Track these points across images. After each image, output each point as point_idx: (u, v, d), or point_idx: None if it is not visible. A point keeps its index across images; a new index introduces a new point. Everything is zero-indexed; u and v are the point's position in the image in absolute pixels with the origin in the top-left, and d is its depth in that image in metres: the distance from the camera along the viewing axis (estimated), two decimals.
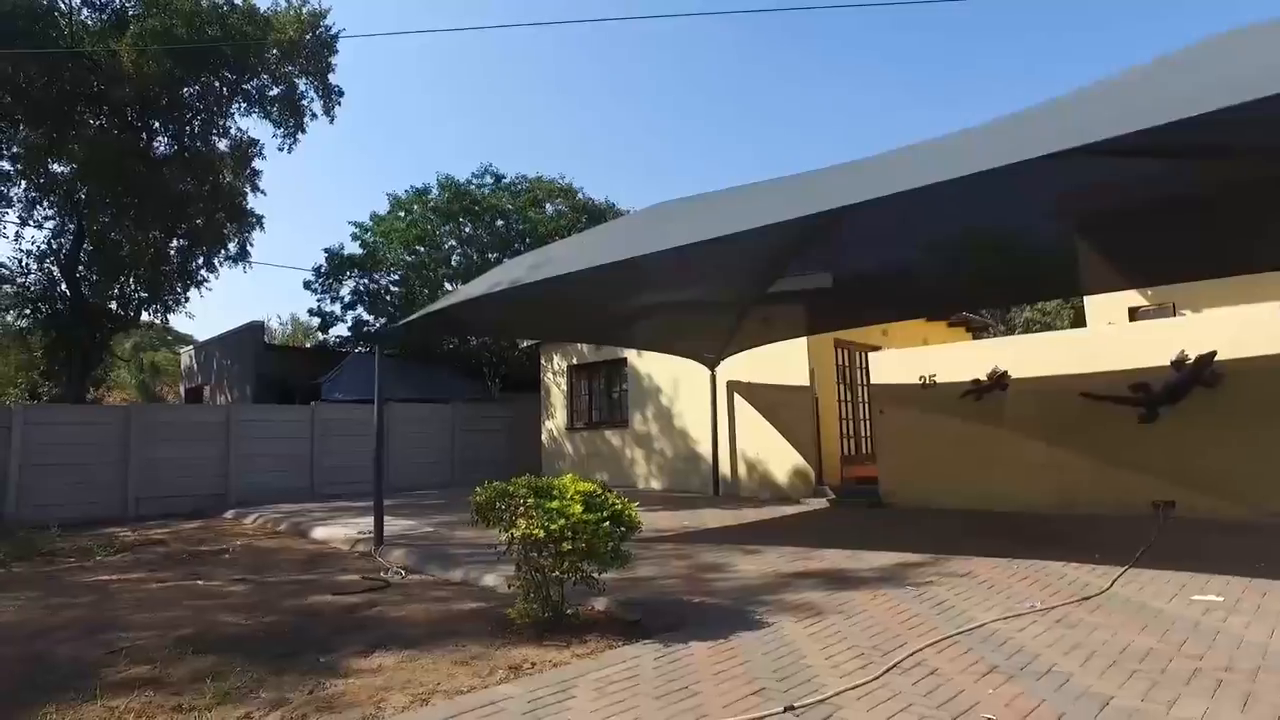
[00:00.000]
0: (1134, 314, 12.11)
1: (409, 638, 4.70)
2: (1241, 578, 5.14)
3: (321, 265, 19.24)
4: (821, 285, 9.89)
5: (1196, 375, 8.09)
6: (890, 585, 5.49)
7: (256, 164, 14.42)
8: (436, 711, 3.38)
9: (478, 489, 4.84)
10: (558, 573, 4.60)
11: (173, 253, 14.10)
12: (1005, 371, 9.55)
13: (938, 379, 10.20)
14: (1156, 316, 11.21)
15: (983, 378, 9.72)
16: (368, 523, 10.45)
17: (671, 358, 13.17)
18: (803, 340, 11.79)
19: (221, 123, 13.65)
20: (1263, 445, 7.67)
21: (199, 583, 6.80)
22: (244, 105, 13.45)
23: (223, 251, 15.75)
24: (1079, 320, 23.90)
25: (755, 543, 7.71)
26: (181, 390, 22.45)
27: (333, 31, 15.90)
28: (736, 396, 12.79)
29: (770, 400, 12.28)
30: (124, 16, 12.01)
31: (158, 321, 15.16)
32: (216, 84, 12.82)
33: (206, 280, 15.93)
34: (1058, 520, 8.36)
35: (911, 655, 3.82)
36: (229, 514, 12.00)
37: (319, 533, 9.54)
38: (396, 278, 19.54)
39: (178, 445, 12.94)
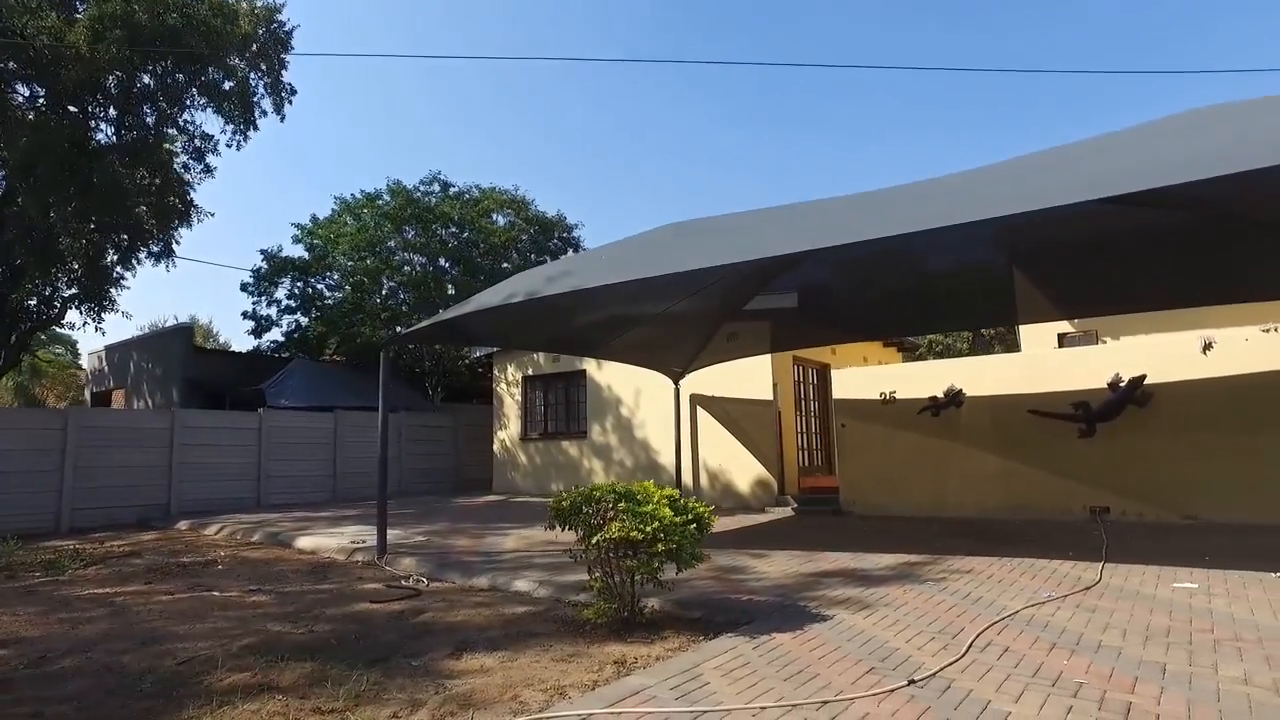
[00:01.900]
0: (1062, 339, 13.53)
1: (488, 640, 4.85)
2: (1200, 569, 6.03)
3: (261, 267, 18.46)
4: (788, 305, 10.61)
5: (1129, 395, 9.24)
6: (910, 582, 6.07)
7: (210, 160, 13.79)
8: (586, 703, 3.60)
9: (561, 495, 5.08)
10: (639, 574, 4.91)
11: (110, 249, 13.21)
12: (961, 389, 10.51)
13: (897, 395, 11.07)
14: (1082, 342, 12.59)
15: (940, 394, 10.65)
16: (350, 532, 10.34)
17: (632, 370, 13.55)
18: (766, 356, 12.45)
19: (178, 115, 12.98)
20: (1183, 458, 8.86)
21: (214, 594, 6.61)
22: (202, 99, 12.85)
23: (166, 248, 14.85)
24: (974, 345, 26.22)
25: (755, 547, 8.19)
26: (87, 395, 20.82)
27: (287, 28, 15.51)
28: (699, 409, 13.31)
29: (733, 413, 12.87)
30: None
31: (89, 321, 14.09)
32: (179, 75, 12.21)
33: (124, 279, 14.93)
34: (1010, 524, 9.30)
35: (978, 637, 4.36)
36: (182, 524, 11.40)
37: (304, 543, 9.30)
38: (337, 280, 18.97)
39: (118, 452, 12.17)
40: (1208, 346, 8.81)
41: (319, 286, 19.22)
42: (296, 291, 19.01)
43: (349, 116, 65.37)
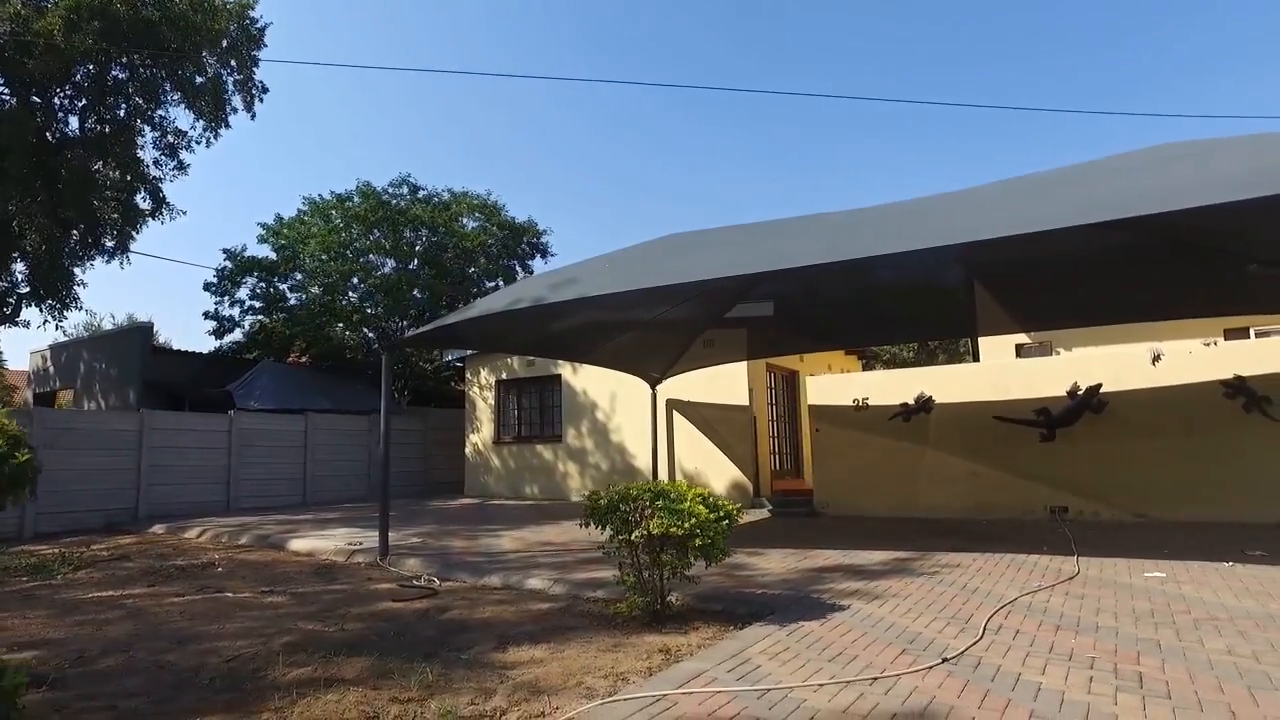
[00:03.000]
0: (1019, 350, 14.38)
1: (526, 634, 5.05)
2: (1163, 560, 6.66)
3: (226, 266, 17.97)
4: (765, 314, 11.07)
5: (1086, 403, 9.97)
6: (906, 575, 6.51)
7: (184, 156, 13.46)
8: (653, 685, 3.85)
9: (596, 494, 5.33)
10: (672, 569, 5.20)
11: (71, 244, 12.77)
12: (931, 396, 11.12)
13: (870, 402, 11.62)
14: (1038, 353, 13.44)
15: (911, 401, 11.24)
16: (340, 534, 10.34)
17: (608, 375, 13.80)
18: (743, 363, 12.89)
19: (153, 111, 12.65)
20: (1135, 461, 9.61)
21: (226, 595, 6.61)
22: (176, 95, 12.57)
23: (121, 244, 14.42)
24: (919, 354, 27.55)
25: (749, 546, 8.52)
26: (29, 396, 19.89)
27: (259, 25, 15.29)
28: (675, 413, 13.66)
29: (710, 418, 13.26)
30: None
31: (50, 319, 13.54)
32: (155, 69, 11.93)
33: (77, 276, 14.43)
34: (977, 523, 9.92)
35: (988, 621, 4.79)
36: (158, 528, 11.14)
37: (298, 545, 9.27)
38: (301, 281, 18.64)
39: (84, 455, 11.79)
40: (1157, 358, 9.60)
41: (281, 287, 18.86)
42: (259, 292, 18.62)
43: (311, 115, 63.82)
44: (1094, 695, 3.41)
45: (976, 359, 15.46)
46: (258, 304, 18.57)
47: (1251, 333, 12.38)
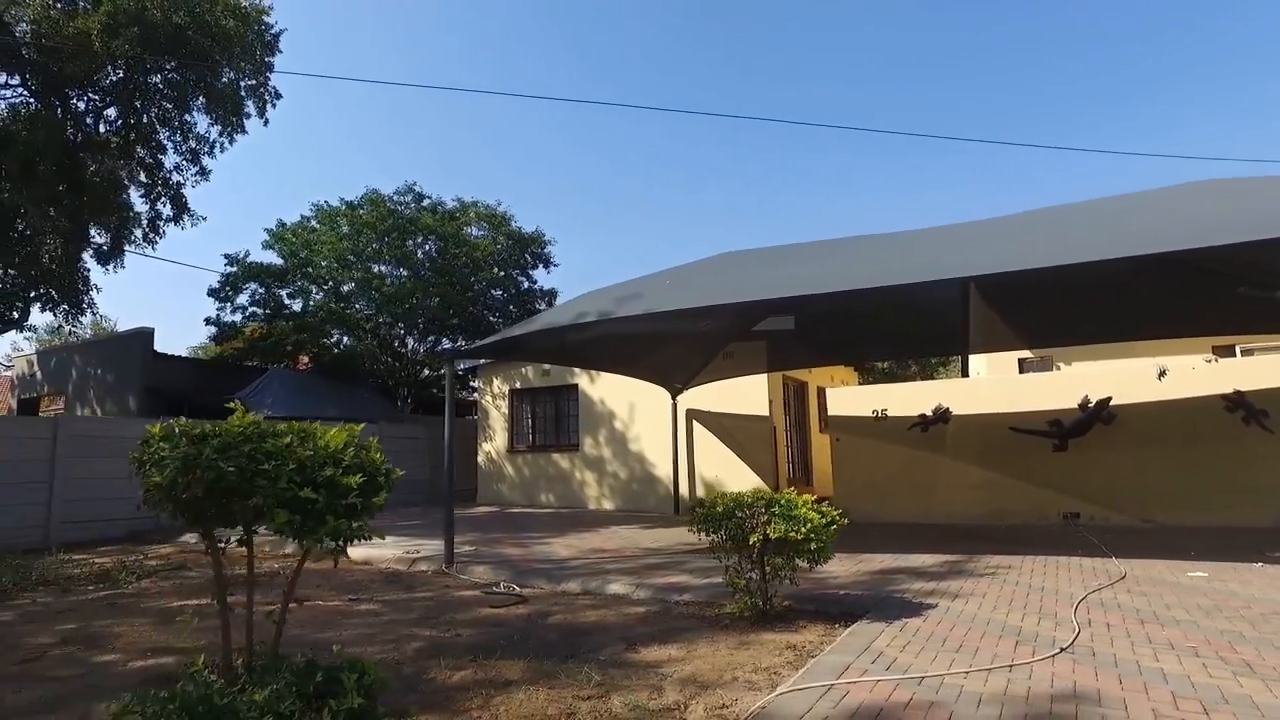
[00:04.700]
0: (1022, 365, 15.15)
1: (647, 636, 5.32)
2: (1193, 561, 7.26)
3: (233, 271, 17.75)
4: (787, 328, 11.56)
5: (1097, 415, 10.65)
6: (967, 576, 6.97)
7: (205, 162, 13.37)
8: (813, 676, 4.13)
9: (714, 501, 5.67)
10: (776, 571, 5.56)
11: (91, 249, 12.61)
12: (948, 408, 11.71)
13: (889, 412, 12.17)
14: (1040, 368, 14.19)
15: (929, 412, 11.82)
16: (387, 542, 10.35)
17: (626, 385, 14.14)
18: (763, 375, 13.35)
19: (179, 115, 12.57)
20: (1143, 470, 10.31)
21: (318, 604, 6.74)
22: (199, 99, 12.52)
23: (116, 248, 14.24)
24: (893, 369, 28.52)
25: None
26: (13, 401, 19.28)
27: (274, 30, 15.29)
28: (694, 422, 14.04)
29: (730, 427, 13.67)
30: None
31: (64, 324, 13.24)
32: (187, 74, 11.89)
33: (95, 282, 14.25)
34: (996, 528, 10.50)
35: (1075, 615, 5.26)
36: (190, 537, 11.02)
37: (354, 553, 9.33)
38: (300, 286, 18.54)
39: (105, 463, 11.61)
40: (1162, 373, 10.33)
41: (280, 293, 18.71)
42: (259, 298, 18.44)
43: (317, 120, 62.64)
44: (1216, 679, 3.87)
45: (965, 374, 16.23)
46: (259, 310, 18.40)
47: (1237, 350, 13.32)
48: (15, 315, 12.88)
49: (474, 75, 64.85)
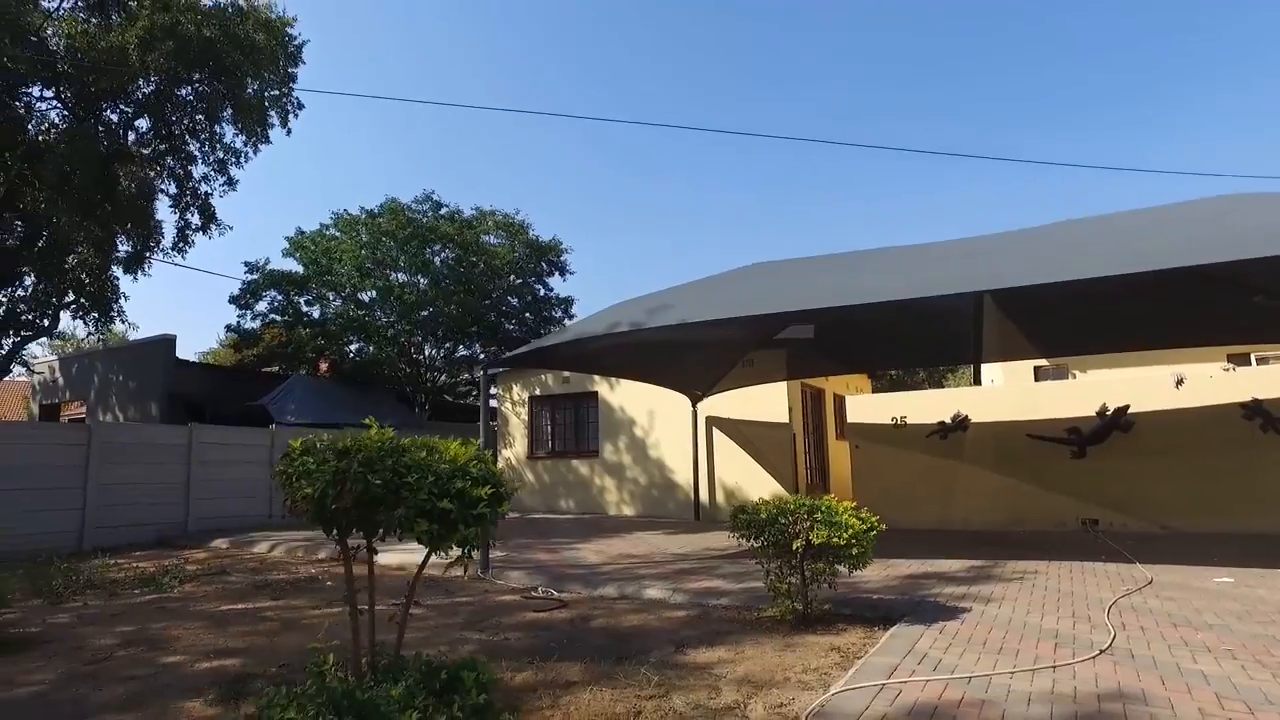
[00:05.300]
0: (1037, 373, 15.31)
1: (694, 638, 5.46)
2: (1215, 567, 7.40)
3: (254, 278, 17.99)
4: (807, 337, 11.74)
5: (1115, 422, 10.80)
6: (996, 581, 7.13)
7: (232, 172, 13.60)
8: (864, 676, 4.28)
9: (756, 507, 5.83)
10: (815, 576, 5.73)
11: (117, 258, 12.83)
12: (966, 415, 11.87)
13: (908, 420, 12.33)
14: (1055, 376, 14.35)
15: (947, 420, 11.98)
16: (416, 547, 10.55)
17: (646, 393, 14.33)
18: (782, 383, 13.52)
19: (210, 127, 12.81)
20: (1163, 477, 10.45)
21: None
22: (227, 110, 12.75)
23: (137, 257, 14.48)
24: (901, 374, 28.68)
25: None
26: (35, 407, 19.51)
27: (298, 41, 15.53)
28: (714, 429, 14.20)
29: (750, 434, 13.83)
30: (124, 3, 11.16)
31: (93, 331, 13.52)
32: (218, 86, 12.13)
33: (123, 291, 14.50)
34: (1014, 534, 10.64)
35: (1107, 618, 5.41)
36: (221, 543, 11.24)
37: (385, 559, 9.46)
38: (316, 294, 18.76)
39: (135, 468, 11.84)
40: (1180, 382, 10.48)
41: (297, 299, 18.94)
42: (277, 305, 18.67)
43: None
44: (1257, 681, 4.02)
45: (978, 381, 16.39)
46: (277, 317, 18.62)
47: (1252, 359, 13.47)
48: (45, 323, 13.12)
49: (481, 81, 65.31)
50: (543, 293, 20.25)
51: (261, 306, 18.64)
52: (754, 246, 74.69)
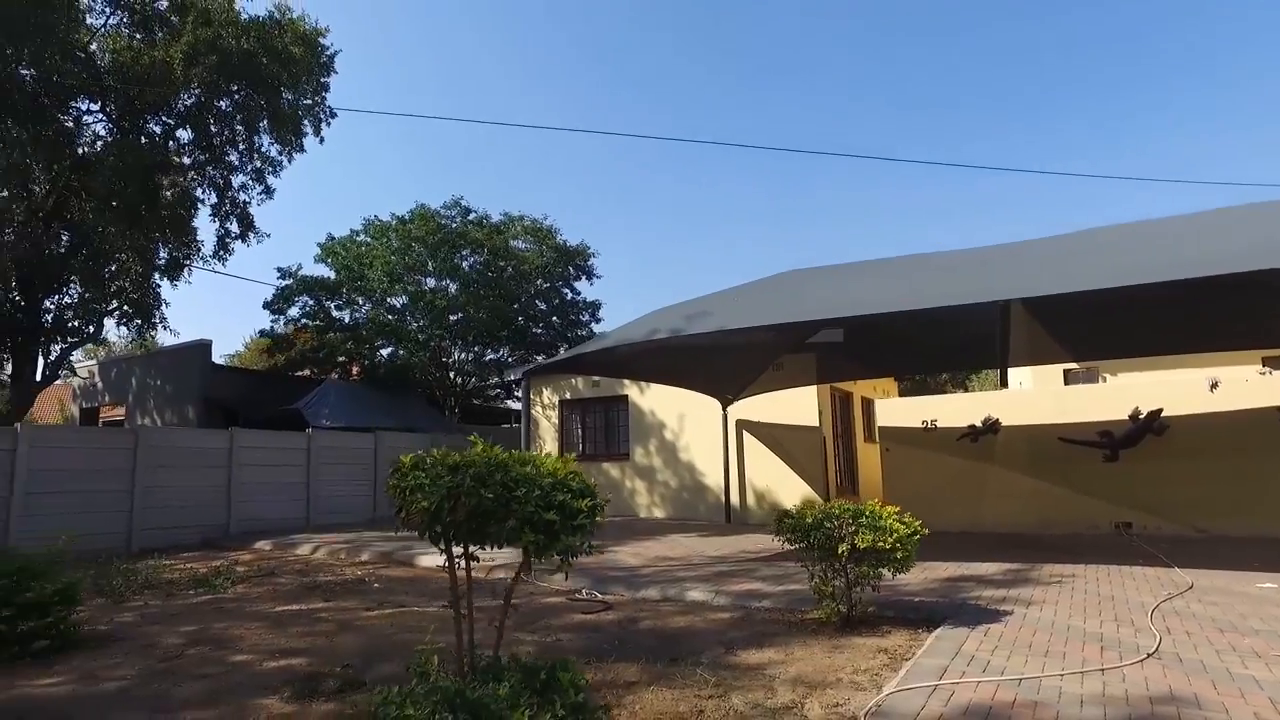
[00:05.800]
0: (1067, 376, 15.30)
1: (742, 640, 5.58)
2: (1262, 572, 7.42)
3: (287, 284, 18.38)
4: (836, 341, 11.82)
5: (1148, 426, 10.80)
6: (1035, 585, 7.19)
7: (270, 181, 13.93)
8: (916, 677, 4.37)
9: (802, 511, 5.96)
10: (859, 579, 5.84)
11: (160, 265, 13.20)
12: (997, 419, 11.90)
13: (938, 423, 12.38)
14: (1085, 379, 14.33)
15: (978, 423, 12.02)
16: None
17: (676, 396, 14.48)
18: (812, 386, 13.61)
19: (249, 137, 13.15)
20: (1194, 480, 10.43)
21: (413, 609, 7.11)
22: (264, 121, 13.07)
23: (176, 264, 14.84)
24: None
25: None
26: (75, 410, 20.03)
27: (330, 52, 15.83)
28: (745, 433, 14.31)
29: (780, 437, 13.93)
30: (166, 19, 11.52)
31: (136, 338, 13.93)
32: (259, 98, 12.46)
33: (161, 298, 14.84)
34: (1046, 537, 10.66)
35: (1150, 622, 5.48)
36: (264, 544, 11.53)
37: (427, 561, 9.71)
38: (346, 298, 19.11)
39: (180, 472, 12.17)
40: (1214, 385, 10.47)
41: (328, 304, 19.29)
42: (309, 310, 19.04)
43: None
44: None
45: (1004, 384, 16.39)
46: (309, 322, 18.97)
47: None
48: (90, 330, 13.50)
49: (511, 83, 65.76)
50: (570, 296, 20.49)
51: (294, 311, 19.04)
52: (779, 251, 74.52)
